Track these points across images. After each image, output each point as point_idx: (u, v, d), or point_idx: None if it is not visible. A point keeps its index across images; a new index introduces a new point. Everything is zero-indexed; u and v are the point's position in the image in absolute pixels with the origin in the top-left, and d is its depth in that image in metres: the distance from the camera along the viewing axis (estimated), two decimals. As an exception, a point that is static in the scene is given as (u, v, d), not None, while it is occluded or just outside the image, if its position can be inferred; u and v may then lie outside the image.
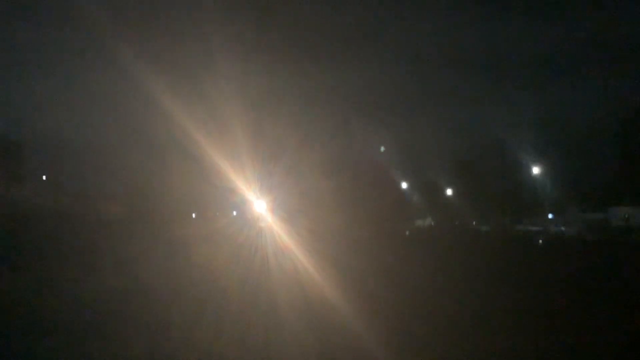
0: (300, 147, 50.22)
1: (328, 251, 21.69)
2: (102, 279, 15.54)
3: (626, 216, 50.75)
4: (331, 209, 48.82)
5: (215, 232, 38.40)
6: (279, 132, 48.16)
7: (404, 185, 68.51)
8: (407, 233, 53.53)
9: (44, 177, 54.02)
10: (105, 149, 53.38)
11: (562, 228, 53.98)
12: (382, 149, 62.07)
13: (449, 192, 67.34)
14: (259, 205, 43.67)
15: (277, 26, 59.52)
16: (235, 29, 50.01)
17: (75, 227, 29.36)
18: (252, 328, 9.96)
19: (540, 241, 42.96)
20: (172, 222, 40.64)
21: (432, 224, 66.94)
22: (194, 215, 62.00)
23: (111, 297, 12.82)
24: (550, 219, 57.49)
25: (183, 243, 27.25)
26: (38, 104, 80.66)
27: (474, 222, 63.78)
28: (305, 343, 9.01)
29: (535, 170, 56.06)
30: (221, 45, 41.67)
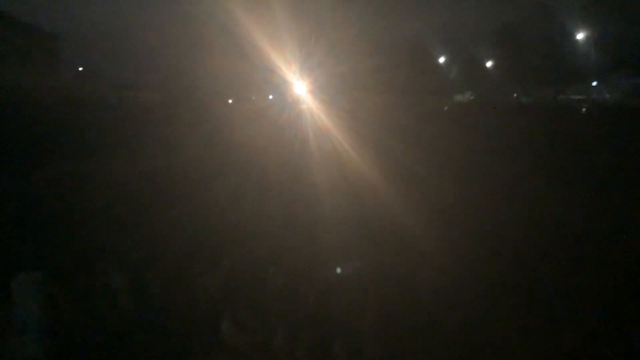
0: (341, 26, 48.90)
1: (367, 132, 21.69)
2: (146, 162, 15.79)
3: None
4: (371, 90, 48.34)
5: (255, 114, 38.46)
6: (319, 10, 46.78)
7: (442, 59, 66.72)
8: (446, 109, 52.67)
9: (80, 69, 54.40)
10: (139, 34, 52.83)
11: (607, 95, 52.30)
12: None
13: (489, 64, 65.33)
14: (299, 86, 43.25)
15: None
16: None
17: (111, 115, 29.61)
18: (295, 202, 10.20)
19: (584, 109, 41.82)
20: (209, 106, 40.58)
21: (472, 98, 65.53)
22: (230, 101, 61.88)
23: (155, 177, 13.13)
24: (594, 87, 55.62)
25: (222, 126, 27.47)
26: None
27: (515, 95, 62.23)
28: (345, 214, 9.20)
29: (580, 36, 53.48)
30: None
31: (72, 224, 8.62)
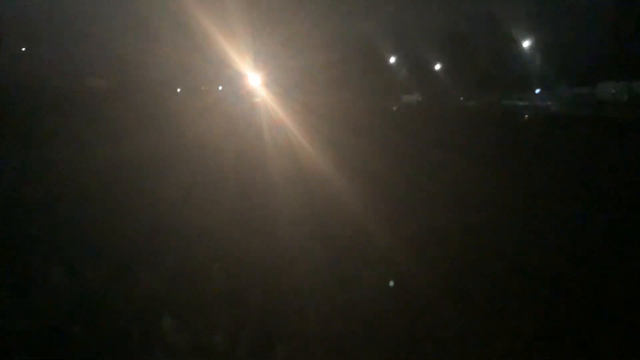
0: (295, 20, 48.88)
1: (321, 125, 22.10)
2: (95, 153, 15.33)
3: (613, 91, 50.68)
4: (323, 85, 48.62)
5: (207, 107, 37.95)
6: (273, 3, 46.59)
7: (392, 60, 67.56)
8: (394, 108, 53.38)
9: (23, 49, 52.25)
10: (88, 18, 51.37)
11: (548, 103, 54.05)
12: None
13: (437, 67, 66.51)
14: (253, 79, 42.89)
15: None
16: None
17: (56, 101, 28.64)
18: (252, 195, 10.12)
19: (526, 116, 43.13)
20: (157, 96, 39.77)
21: (419, 99, 66.53)
22: (178, 90, 60.75)
23: (107, 170, 12.74)
24: (538, 94, 57.41)
25: (171, 118, 26.99)
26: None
27: (461, 98, 63.50)
28: (300, 205, 9.25)
29: (525, 44, 55.09)
30: None
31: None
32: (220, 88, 58.94)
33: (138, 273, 5.91)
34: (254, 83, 42.93)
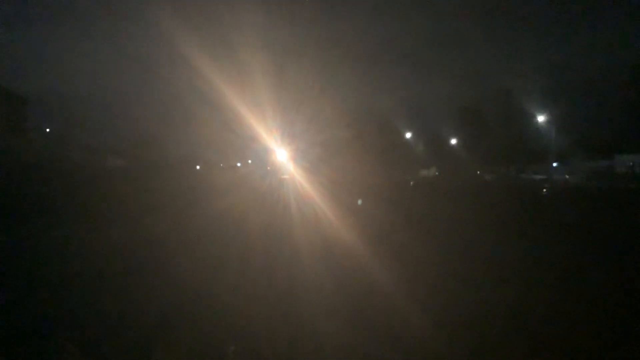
0: (320, 97, 50.79)
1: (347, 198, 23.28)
2: (117, 231, 15.32)
3: (631, 164, 50.60)
4: (346, 159, 49.76)
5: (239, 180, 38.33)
6: (300, 81, 48.43)
7: (409, 135, 68.53)
8: (412, 183, 53.55)
9: (48, 130, 53.87)
10: (115, 101, 53.23)
11: (567, 176, 53.86)
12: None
13: (454, 141, 67.16)
14: (280, 154, 43.75)
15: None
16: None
17: (79, 178, 29.19)
18: (277, 269, 10.08)
19: (545, 190, 42.92)
20: (180, 174, 40.53)
21: (437, 173, 66.86)
22: (197, 167, 61.69)
23: (131, 248, 12.70)
24: (555, 167, 57.40)
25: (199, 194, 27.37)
26: (44, 58, 79.17)
27: (478, 172, 63.66)
28: (324, 279, 9.21)
29: (541, 118, 55.72)
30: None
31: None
32: (249, 161, 60.19)
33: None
34: (282, 157, 43.84)
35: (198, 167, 62.32)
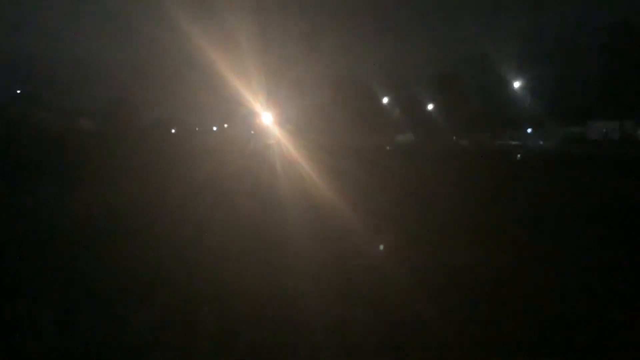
0: (304, 61, 50.59)
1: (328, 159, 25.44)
2: (105, 194, 14.84)
3: (604, 130, 51.10)
4: (328, 124, 49.79)
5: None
6: (284, 45, 48.31)
7: (386, 100, 68.20)
8: (388, 148, 53.51)
9: (18, 92, 52.52)
10: (89, 61, 52.01)
11: (540, 142, 54.34)
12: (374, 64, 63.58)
13: (430, 107, 66.99)
14: (265, 117, 43.56)
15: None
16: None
17: (50, 141, 28.70)
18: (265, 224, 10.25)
19: (519, 155, 43.13)
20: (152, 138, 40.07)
21: (413, 139, 66.93)
22: (173, 131, 60.90)
23: (122, 209, 12.39)
24: (529, 134, 57.76)
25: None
26: (15, 18, 76.46)
27: (454, 137, 63.77)
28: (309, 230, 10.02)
29: (517, 84, 55.65)
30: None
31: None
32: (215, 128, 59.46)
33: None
34: (267, 121, 43.75)
35: (173, 130, 61.53)
